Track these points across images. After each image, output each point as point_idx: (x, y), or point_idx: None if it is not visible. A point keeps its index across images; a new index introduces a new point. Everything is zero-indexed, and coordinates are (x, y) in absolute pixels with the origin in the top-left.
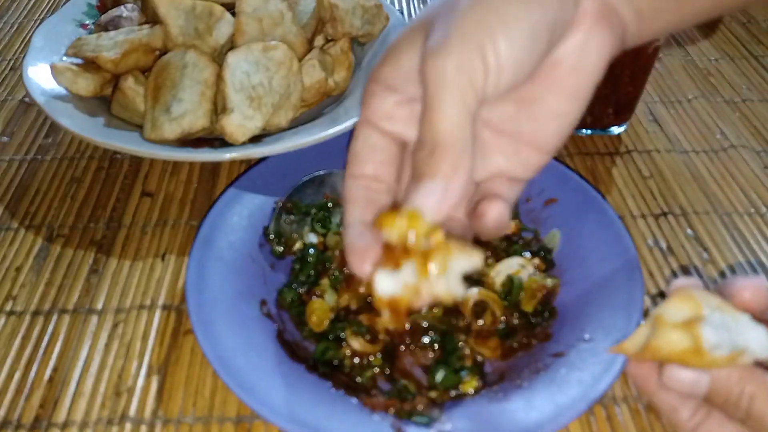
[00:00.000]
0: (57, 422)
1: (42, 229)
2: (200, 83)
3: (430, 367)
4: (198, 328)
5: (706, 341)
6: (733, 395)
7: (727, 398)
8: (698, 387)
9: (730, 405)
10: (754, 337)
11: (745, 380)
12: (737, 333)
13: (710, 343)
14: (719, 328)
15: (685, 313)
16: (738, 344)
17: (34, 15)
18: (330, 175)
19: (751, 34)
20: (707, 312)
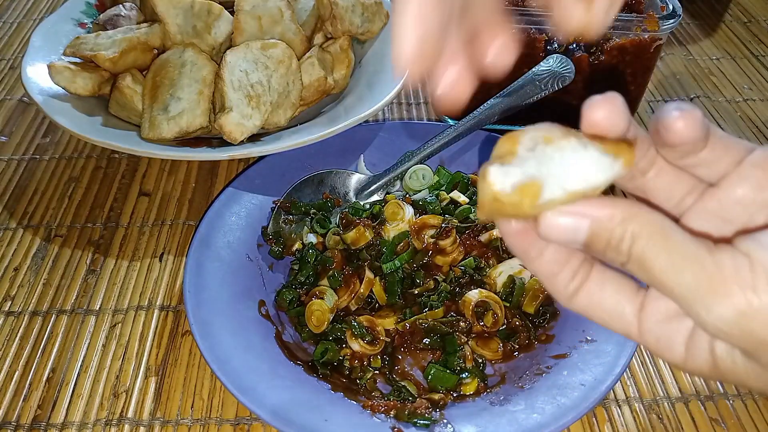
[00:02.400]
0: (55, 423)
1: (40, 228)
2: (198, 82)
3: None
4: (196, 329)
5: (494, 182)
6: (615, 237)
7: (608, 242)
8: (578, 232)
9: (611, 249)
10: (576, 165)
11: (628, 220)
12: (557, 165)
13: (500, 183)
14: (529, 164)
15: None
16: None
17: (32, 14)
18: (329, 174)
19: (752, 33)
20: (523, 150)
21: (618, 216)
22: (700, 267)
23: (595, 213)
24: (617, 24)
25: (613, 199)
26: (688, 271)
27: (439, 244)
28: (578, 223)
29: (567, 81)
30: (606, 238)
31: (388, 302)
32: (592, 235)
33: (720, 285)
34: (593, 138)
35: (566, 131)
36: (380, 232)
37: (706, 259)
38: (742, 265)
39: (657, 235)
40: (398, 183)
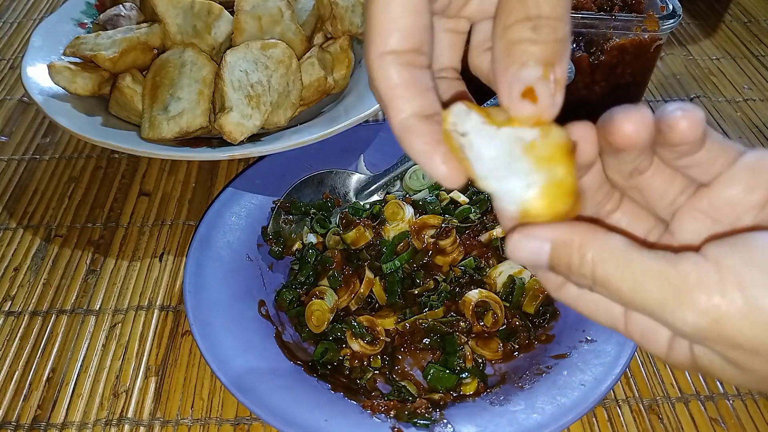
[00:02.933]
0: (55, 423)
1: (40, 228)
2: (198, 82)
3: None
4: (196, 329)
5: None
6: (575, 263)
7: (569, 266)
8: (540, 256)
9: (574, 273)
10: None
11: (586, 246)
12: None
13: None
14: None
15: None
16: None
17: (32, 14)
18: (329, 174)
19: (752, 33)
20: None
21: (576, 241)
22: (665, 280)
23: (554, 237)
24: (617, 24)
25: (571, 224)
26: (654, 287)
27: (439, 244)
28: (540, 247)
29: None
30: (566, 262)
31: (388, 302)
32: (553, 259)
33: (686, 294)
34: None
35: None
36: (380, 232)
37: (669, 272)
38: (707, 272)
39: (617, 258)
40: (398, 183)
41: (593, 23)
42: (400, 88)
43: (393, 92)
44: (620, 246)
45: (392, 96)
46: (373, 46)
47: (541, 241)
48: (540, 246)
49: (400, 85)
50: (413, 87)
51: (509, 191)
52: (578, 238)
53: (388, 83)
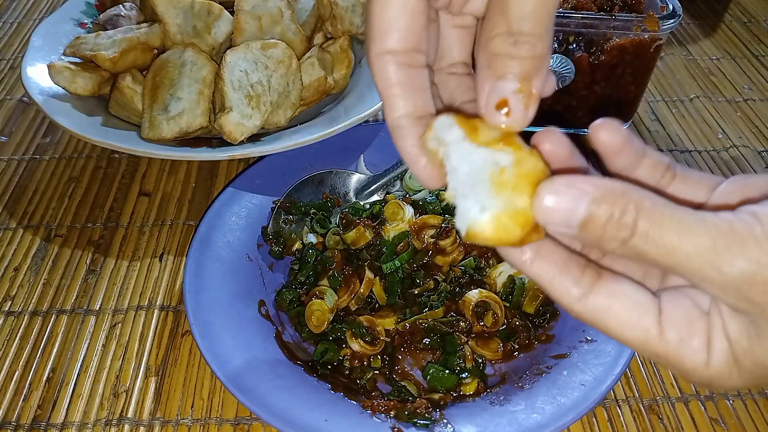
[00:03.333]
0: (55, 423)
1: (40, 228)
2: (198, 82)
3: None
4: (196, 329)
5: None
6: (617, 212)
7: (609, 217)
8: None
9: (612, 225)
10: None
11: (629, 194)
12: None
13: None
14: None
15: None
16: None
17: (32, 14)
18: (329, 174)
19: (752, 33)
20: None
21: (619, 190)
22: (713, 226)
23: (595, 188)
24: (617, 24)
25: (602, 177)
26: (701, 233)
27: (439, 244)
28: (576, 201)
29: (567, 81)
30: (607, 214)
31: (388, 302)
32: (592, 212)
33: (736, 240)
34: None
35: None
36: (380, 232)
37: (716, 221)
38: (751, 222)
39: (661, 206)
40: (398, 183)
41: (593, 23)
42: (397, 87)
43: (389, 91)
44: (662, 200)
45: (389, 94)
46: (372, 45)
47: (581, 192)
48: (579, 197)
49: (397, 84)
50: (409, 87)
51: (465, 210)
52: (621, 187)
53: (386, 82)
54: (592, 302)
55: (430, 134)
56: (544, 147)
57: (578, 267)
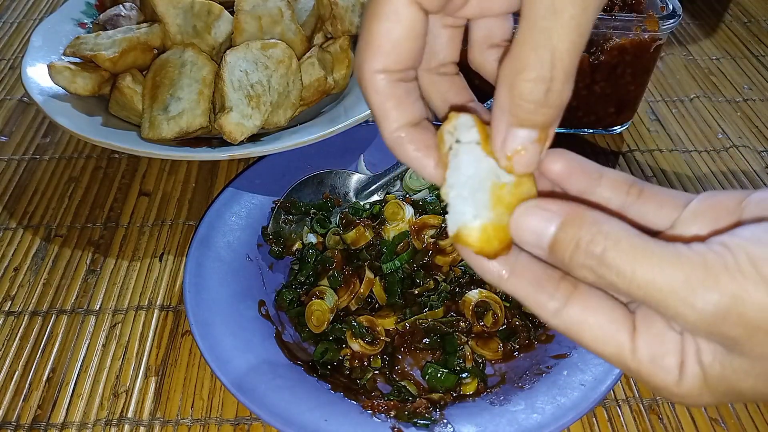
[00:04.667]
0: (55, 423)
1: (40, 228)
2: (198, 82)
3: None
4: (196, 329)
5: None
6: (584, 240)
7: (577, 244)
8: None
9: (580, 251)
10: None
11: (601, 222)
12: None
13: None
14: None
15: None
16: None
17: (33, 14)
18: (329, 174)
19: (752, 33)
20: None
21: (589, 217)
22: (685, 260)
23: (566, 211)
24: (617, 24)
25: (577, 203)
26: (673, 267)
27: (439, 244)
28: (545, 222)
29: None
30: (574, 239)
31: (388, 302)
32: (560, 235)
33: (708, 274)
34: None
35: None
36: (380, 232)
37: (688, 254)
38: (723, 254)
39: (632, 239)
40: (398, 183)
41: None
42: (391, 102)
43: (384, 105)
44: (633, 231)
45: (384, 109)
46: (367, 64)
47: (551, 214)
48: (549, 219)
49: (391, 99)
50: (404, 100)
51: (460, 211)
52: (591, 215)
53: (380, 97)
54: (567, 316)
55: (448, 127)
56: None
57: (552, 282)
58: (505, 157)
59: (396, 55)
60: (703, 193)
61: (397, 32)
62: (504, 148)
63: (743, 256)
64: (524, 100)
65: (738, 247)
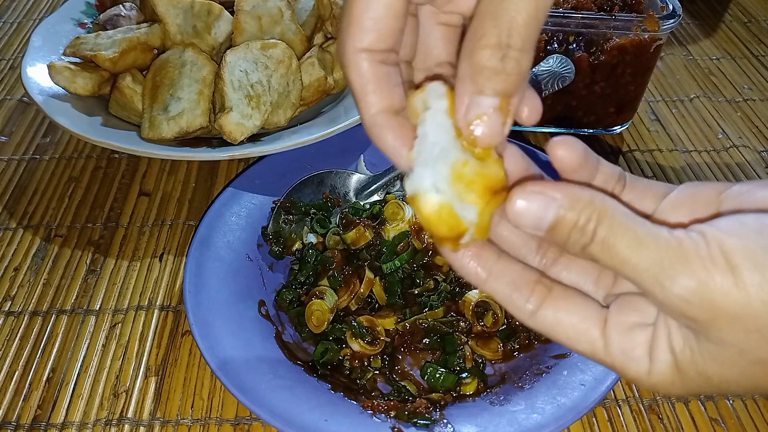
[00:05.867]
0: (55, 423)
1: (40, 228)
2: (198, 82)
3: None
4: (196, 329)
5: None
6: (582, 219)
7: (574, 224)
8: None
9: (577, 230)
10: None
11: (595, 202)
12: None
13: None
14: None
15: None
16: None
17: (32, 14)
18: (329, 174)
19: (752, 33)
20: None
21: (586, 198)
22: (663, 243)
23: (564, 195)
24: (617, 24)
25: (572, 184)
26: (651, 248)
27: None
28: (545, 207)
29: (567, 81)
30: (573, 220)
31: (388, 302)
32: (559, 218)
33: (681, 258)
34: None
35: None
36: (380, 232)
37: (667, 237)
38: (698, 241)
39: (620, 216)
40: (398, 183)
41: (593, 23)
42: (372, 84)
43: (365, 87)
44: (623, 209)
45: (365, 91)
46: (350, 42)
47: (550, 199)
48: (548, 204)
49: (372, 81)
50: (384, 83)
51: (420, 177)
52: (588, 195)
53: (361, 78)
54: (542, 317)
55: (421, 95)
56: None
57: (528, 285)
58: (467, 125)
59: (377, 32)
60: (683, 185)
61: (377, 10)
62: (465, 115)
63: (716, 246)
64: (482, 66)
65: (713, 237)
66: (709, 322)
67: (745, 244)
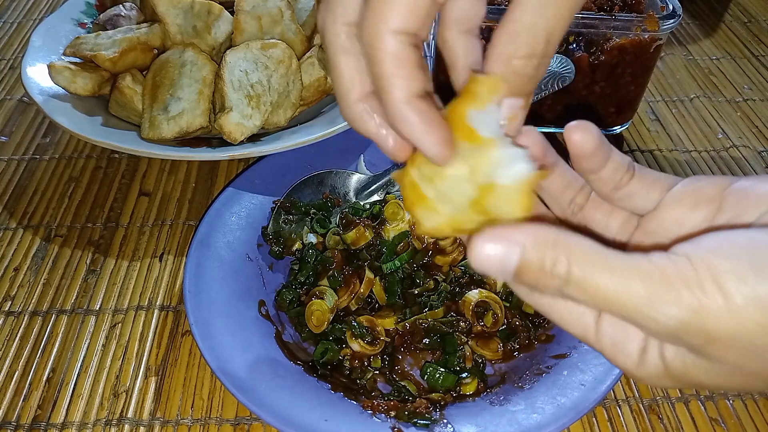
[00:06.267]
0: (55, 423)
1: (40, 228)
2: (198, 82)
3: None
4: (196, 329)
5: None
6: (548, 263)
7: (541, 267)
8: (508, 262)
9: (545, 275)
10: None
11: (561, 244)
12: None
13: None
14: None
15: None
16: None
17: (32, 14)
18: (329, 174)
19: (752, 33)
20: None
21: (550, 239)
22: (645, 275)
23: (527, 238)
24: (617, 24)
25: (539, 225)
26: (635, 283)
27: (439, 244)
28: (507, 251)
29: (567, 81)
30: (538, 262)
31: (388, 302)
32: (524, 263)
33: (668, 288)
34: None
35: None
36: (380, 232)
37: (649, 269)
38: (683, 267)
39: (594, 255)
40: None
41: (593, 23)
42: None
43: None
44: (595, 246)
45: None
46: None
47: (512, 243)
48: (510, 247)
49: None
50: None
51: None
52: (552, 235)
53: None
54: (539, 297)
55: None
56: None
57: None
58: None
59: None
60: (687, 178)
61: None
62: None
63: (704, 269)
64: (518, 75)
65: (699, 260)
66: (705, 346)
67: (734, 264)
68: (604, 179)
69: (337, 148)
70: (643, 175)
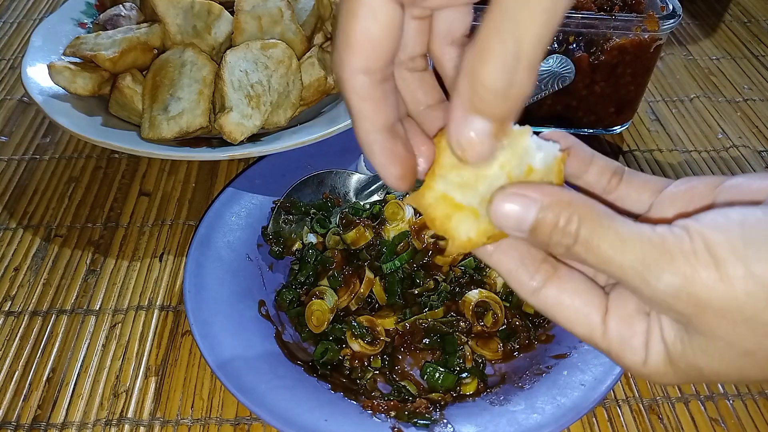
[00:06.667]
0: (55, 423)
1: (40, 228)
2: (198, 82)
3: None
4: (196, 329)
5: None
6: (563, 220)
7: (555, 225)
8: (525, 219)
9: (558, 232)
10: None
11: (575, 204)
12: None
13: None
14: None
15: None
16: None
17: (32, 14)
18: (329, 174)
19: (752, 33)
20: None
21: (566, 199)
22: (646, 240)
23: (546, 195)
24: (617, 24)
25: (553, 186)
26: (635, 246)
27: (439, 244)
28: (526, 208)
29: (567, 81)
30: (553, 221)
31: (388, 302)
32: (539, 219)
33: (665, 254)
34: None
35: None
36: (380, 232)
37: (650, 234)
38: (681, 237)
39: (602, 217)
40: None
41: (593, 23)
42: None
43: (360, 106)
44: (605, 210)
45: (360, 109)
46: (346, 63)
47: (531, 200)
48: (529, 204)
49: (369, 100)
50: (381, 102)
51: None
52: (568, 196)
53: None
54: (544, 296)
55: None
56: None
57: (534, 263)
58: (459, 144)
59: (375, 52)
60: (680, 179)
61: (375, 30)
62: (459, 134)
63: (700, 240)
64: (485, 89)
65: (696, 231)
66: (697, 315)
67: (728, 237)
68: (590, 183)
69: (337, 148)
70: (631, 179)
